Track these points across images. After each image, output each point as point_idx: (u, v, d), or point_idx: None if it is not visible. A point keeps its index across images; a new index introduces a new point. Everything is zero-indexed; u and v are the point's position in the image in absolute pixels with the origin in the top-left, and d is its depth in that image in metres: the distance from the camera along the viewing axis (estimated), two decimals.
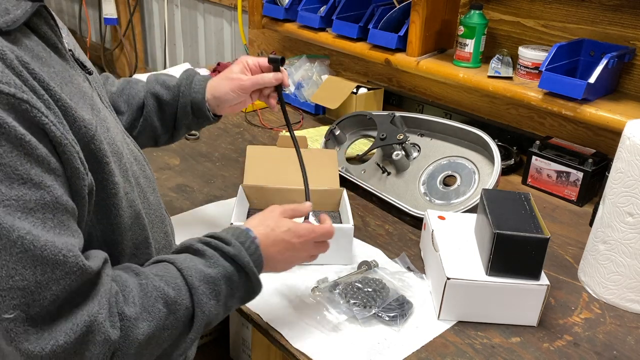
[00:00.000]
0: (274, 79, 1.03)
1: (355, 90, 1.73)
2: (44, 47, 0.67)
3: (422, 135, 1.39)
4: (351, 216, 1.11)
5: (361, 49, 1.69)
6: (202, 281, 0.74)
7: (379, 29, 1.62)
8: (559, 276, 1.10)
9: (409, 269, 1.09)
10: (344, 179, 1.36)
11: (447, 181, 1.29)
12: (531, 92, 1.37)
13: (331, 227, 0.91)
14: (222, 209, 1.26)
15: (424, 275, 1.07)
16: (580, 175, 1.33)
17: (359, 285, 0.99)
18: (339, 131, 1.49)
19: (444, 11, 1.59)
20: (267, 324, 0.94)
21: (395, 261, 1.11)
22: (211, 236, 0.81)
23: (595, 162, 1.32)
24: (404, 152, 1.33)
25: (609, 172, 1.04)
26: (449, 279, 0.93)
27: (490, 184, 1.19)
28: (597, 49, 1.36)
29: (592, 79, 1.25)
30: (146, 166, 0.88)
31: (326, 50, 1.98)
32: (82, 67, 0.78)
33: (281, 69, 1.04)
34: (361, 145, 1.51)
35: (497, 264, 0.93)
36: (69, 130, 0.64)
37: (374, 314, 0.95)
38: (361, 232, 1.21)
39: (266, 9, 1.96)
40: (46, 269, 0.59)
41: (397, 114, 1.40)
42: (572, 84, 1.26)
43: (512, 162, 1.49)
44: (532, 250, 0.92)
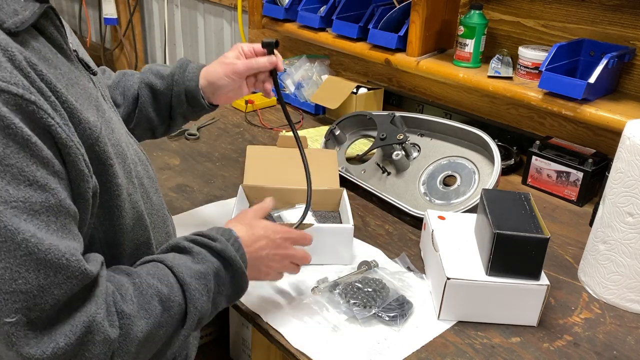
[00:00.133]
0: (268, 63, 1.02)
1: (355, 90, 1.72)
2: (51, 48, 0.67)
3: (422, 135, 1.39)
4: (351, 216, 1.11)
5: (361, 49, 1.69)
6: (193, 277, 0.74)
7: (379, 29, 1.62)
8: (559, 276, 1.10)
9: (409, 269, 1.09)
10: (344, 179, 1.36)
11: (447, 181, 1.29)
12: (531, 92, 1.37)
13: (309, 235, 0.95)
14: (222, 209, 1.26)
15: (424, 275, 1.07)
16: (580, 175, 1.33)
17: (359, 285, 0.99)
18: (339, 131, 1.49)
19: (444, 11, 1.59)
20: (267, 324, 0.95)
21: (395, 261, 1.11)
22: (197, 234, 0.82)
23: (595, 162, 1.32)
24: (404, 152, 1.33)
25: (609, 172, 1.04)
26: (449, 279, 0.93)
27: (490, 184, 1.19)
28: (597, 49, 1.36)
29: (592, 79, 1.25)
30: (149, 166, 0.88)
31: (326, 50, 1.98)
32: (87, 67, 0.77)
33: (275, 52, 1.03)
34: (361, 145, 1.51)
35: (497, 264, 0.93)
36: (74, 132, 0.64)
37: (374, 314, 0.95)
38: (361, 232, 1.21)
39: (266, 9, 1.96)
40: (49, 272, 0.58)
41: (397, 114, 1.40)
42: (572, 84, 1.26)
43: (512, 162, 1.49)
44: (532, 250, 0.92)
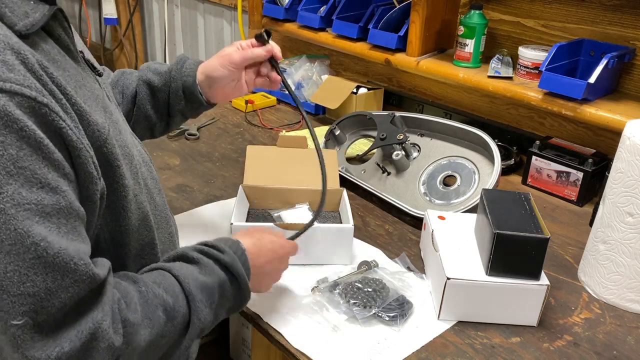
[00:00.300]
0: (265, 51, 1.02)
1: (355, 90, 1.72)
2: (59, 50, 0.67)
3: (422, 135, 1.39)
4: (351, 216, 1.11)
5: (361, 49, 1.69)
6: (199, 289, 0.75)
7: (379, 29, 1.62)
8: (559, 276, 1.10)
9: (409, 269, 1.09)
10: (344, 179, 1.36)
11: (447, 181, 1.29)
12: (531, 92, 1.37)
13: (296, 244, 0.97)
14: (222, 209, 1.26)
15: (424, 275, 1.07)
16: (580, 175, 1.33)
17: (359, 285, 0.99)
18: (339, 131, 1.49)
19: (444, 11, 1.59)
20: (267, 324, 0.95)
21: (395, 261, 1.11)
22: (204, 244, 0.81)
23: (595, 162, 1.32)
24: (404, 152, 1.33)
25: (609, 172, 1.04)
26: (449, 279, 0.93)
27: (490, 184, 1.19)
28: (597, 49, 1.36)
29: (592, 79, 1.25)
30: (152, 167, 0.88)
31: (326, 50, 1.98)
32: (92, 68, 0.77)
33: (270, 41, 1.03)
34: (361, 145, 1.51)
35: (497, 264, 0.93)
36: (84, 134, 0.64)
37: (374, 314, 0.95)
38: (361, 232, 1.21)
39: (266, 9, 1.96)
40: (57, 276, 0.58)
41: (397, 114, 1.40)
42: (572, 84, 1.26)
43: (512, 162, 1.49)
44: (532, 250, 0.92)
